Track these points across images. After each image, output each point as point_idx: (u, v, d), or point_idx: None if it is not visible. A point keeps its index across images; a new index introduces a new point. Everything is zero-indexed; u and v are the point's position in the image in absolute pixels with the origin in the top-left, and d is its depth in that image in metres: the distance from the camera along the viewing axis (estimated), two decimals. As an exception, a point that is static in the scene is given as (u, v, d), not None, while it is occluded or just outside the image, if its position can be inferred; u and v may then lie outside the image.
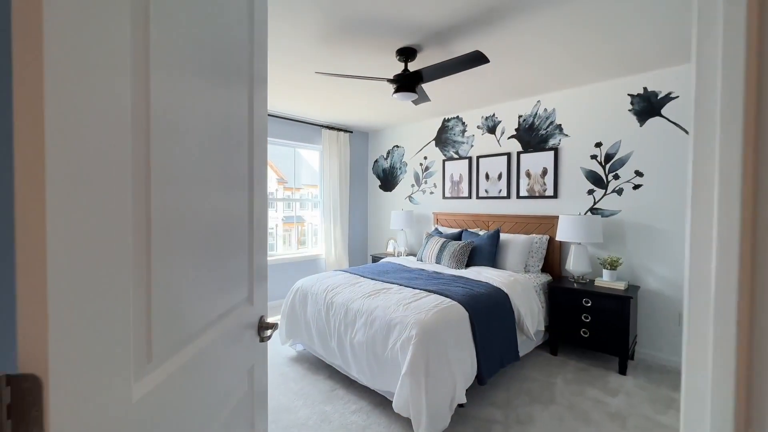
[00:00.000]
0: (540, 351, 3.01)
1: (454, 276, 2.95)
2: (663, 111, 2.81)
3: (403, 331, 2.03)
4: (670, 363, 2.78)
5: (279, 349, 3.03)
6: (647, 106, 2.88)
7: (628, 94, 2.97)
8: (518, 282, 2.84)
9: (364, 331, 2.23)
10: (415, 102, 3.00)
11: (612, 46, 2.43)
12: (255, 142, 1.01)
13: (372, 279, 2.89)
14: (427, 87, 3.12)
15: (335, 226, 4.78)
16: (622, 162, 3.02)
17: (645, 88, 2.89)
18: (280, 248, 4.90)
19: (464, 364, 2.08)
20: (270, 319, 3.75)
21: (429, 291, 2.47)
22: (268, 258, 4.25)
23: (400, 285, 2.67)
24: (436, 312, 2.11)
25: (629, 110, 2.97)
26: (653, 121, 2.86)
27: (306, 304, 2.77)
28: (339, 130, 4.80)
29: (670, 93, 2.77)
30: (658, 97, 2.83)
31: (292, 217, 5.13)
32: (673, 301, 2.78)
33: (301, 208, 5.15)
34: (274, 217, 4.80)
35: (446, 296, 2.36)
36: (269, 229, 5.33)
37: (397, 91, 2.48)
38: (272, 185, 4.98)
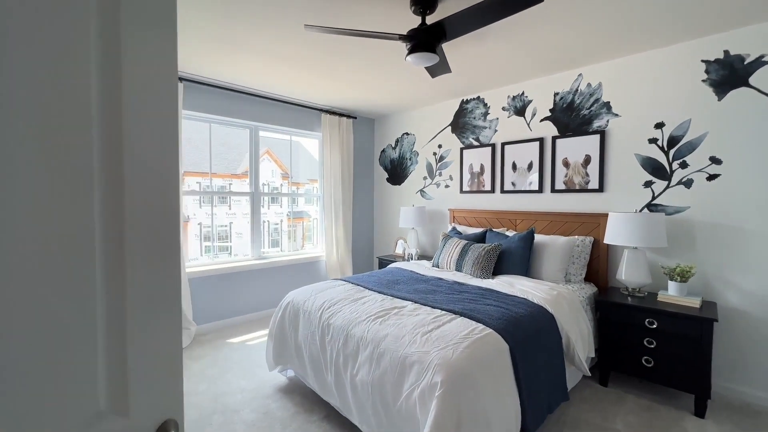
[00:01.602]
0: (587, 381, 2.43)
1: (481, 289, 2.38)
2: (751, 80, 2.19)
3: (422, 374, 1.47)
4: (759, 402, 2.19)
5: (265, 376, 2.50)
6: (729, 74, 2.27)
7: (703, 61, 2.35)
8: (563, 297, 2.26)
9: (370, 368, 1.68)
10: (433, 72, 2.41)
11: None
12: (127, 120, 0.47)
13: (379, 292, 2.33)
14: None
15: (337, 224, 4.22)
16: (691, 146, 2.41)
17: (726, 52, 2.27)
18: (285, 245, 4.38)
19: (506, 415, 1.52)
20: (255, 335, 3.22)
21: (453, 312, 1.91)
22: (264, 260, 3.73)
23: (416, 302, 2.10)
24: (467, 346, 1.55)
25: (703, 81, 2.35)
26: (737, 94, 2.24)
27: (297, 324, 2.23)
28: (341, 115, 4.23)
29: (762, 56, 2.15)
30: (745, 63, 2.21)
31: (300, 213, 4.62)
32: (761, 322, 2.19)
33: (307, 203, 4.61)
34: (279, 213, 4.25)
35: (477, 320, 1.79)
36: (274, 225, 4.90)
37: (412, 51, 1.90)
38: (277, 180, 4.46)
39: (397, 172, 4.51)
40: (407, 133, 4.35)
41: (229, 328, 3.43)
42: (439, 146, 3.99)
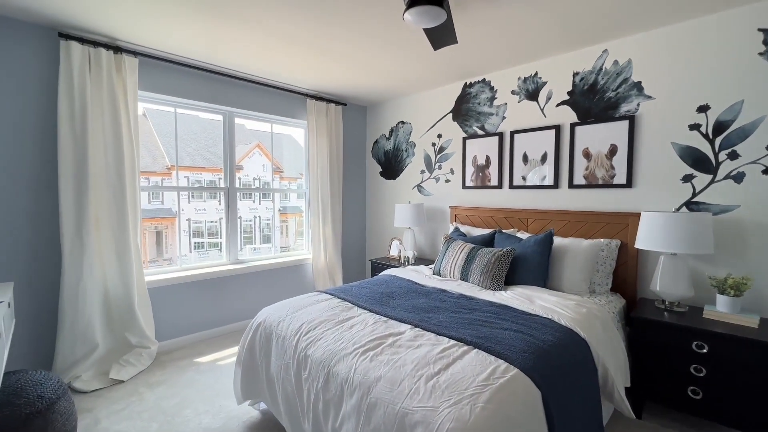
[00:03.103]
0: (617, 412, 2.05)
1: (494, 305, 1.97)
2: (824, 51, 1.80)
3: (429, 441, 1.06)
4: (827, 439, 1.82)
5: (234, 410, 2.07)
6: (794, 45, 1.87)
7: (760, 30, 1.95)
8: (594, 316, 1.86)
9: (357, 423, 1.26)
10: (436, 41, 1.97)
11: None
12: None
13: (371, 311, 1.91)
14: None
15: (325, 223, 3.79)
16: (744, 133, 2.01)
17: (791, 18, 1.87)
18: (277, 241, 3.97)
19: (539, 490, 1.12)
20: (229, 351, 2.78)
21: (465, 342, 1.49)
22: (242, 265, 3.25)
23: (416, 326, 1.69)
24: (488, 399, 1.13)
25: (761, 54, 1.95)
26: (804, 69, 1.85)
27: (270, 352, 1.80)
28: (329, 101, 3.77)
29: (839, 21, 1.76)
30: (816, 30, 1.81)
31: (294, 208, 4.18)
32: (831, 345, 1.81)
33: (299, 198, 4.16)
34: (270, 208, 3.83)
35: (497, 354, 1.38)
36: (266, 221, 4.50)
37: (412, 4, 1.46)
38: (268, 174, 4.02)
39: (391, 166, 4.08)
40: (403, 122, 3.91)
41: (198, 344, 2.99)
42: (439, 136, 3.56)
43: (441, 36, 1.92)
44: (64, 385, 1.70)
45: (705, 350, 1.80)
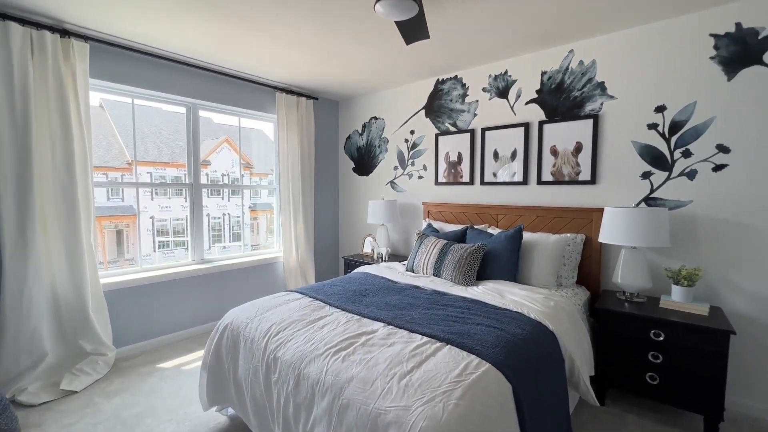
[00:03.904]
0: (582, 400, 2.13)
1: (467, 300, 1.99)
2: (766, 57, 1.93)
3: (402, 441, 1.04)
4: None
5: (200, 416, 1.98)
6: (740, 50, 1.99)
7: (711, 35, 2.07)
8: (561, 308, 1.92)
9: (329, 425, 1.23)
10: (408, 35, 1.95)
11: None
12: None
13: (343, 310, 1.87)
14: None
15: (296, 220, 3.70)
16: (696, 133, 2.13)
17: (738, 24, 1.99)
18: (247, 239, 3.81)
19: (510, 482, 1.14)
20: (194, 356, 2.65)
21: (438, 339, 1.49)
22: (208, 265, 3.11)
23: (389, 324, 1.67)
24: (461, 396, 1.13)
25: (712, 58, 2.07)
26: (749, 73, 1.98)
27: (237, 356, 1.73)
28: (300, 95, 3.66)
29: (779, 29, 1.89)
30: (759, 37, 1.94)
31: (264, 205, 4.03)
32: (771, 330, 1.97)
33: (270, 194, 4.02)
34: (240, 205, 3.71)
35: (469, 350, 1.39)
36: (236, 218, 4.30)
37: (383, -5, 1.42)
38: (237, 171, 3.84)
39: (364, 161, 4.04)
40: (376, 118, 3.87)
41: (161, 348, 2.83)
42: (412, 132, 3.56)
43: (413, 30, 1.90)
44: (4, 399, 1.55)
45: (662, 338, 1.90)
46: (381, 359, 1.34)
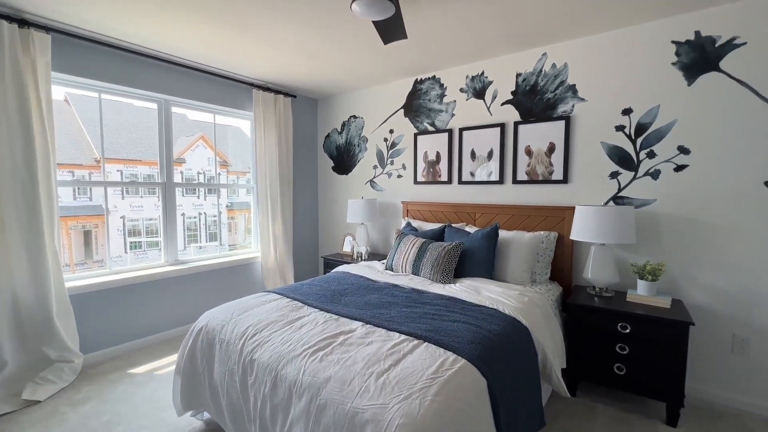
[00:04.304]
0: (554, 392, 2.21)
1: (444, 298, 2.02)
2: (722, 64, 2.05)
3: (379, 439, 1.05)
4: (724, 402, 2.12)
5: (174, 423, 1.92)
6: (699, 57, 2.11)
7: (673, 42, 2.18)
8: (535, 304, 1.98)
9: (306, 426, 1.22)
10: (386, 35, 1.96)
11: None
12: None
13: (322, 310, 1.86)
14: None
15: (274, 219, 3.64)
16: (660, 135, 2.25)
17: (697, 33, 2.11)
18: (225, 239, 3.70)
19: (484, 474, 1.17)
20: (168, 360, 2.58)
21: (415, 336, 1.51)
22: (182, 266, 2.99)
23: (367, 323, 1.68)
24: (437, 392, 1.16)
25: (673, 64, 2.18)
26: (707, 78, 2.10)
27: (212, 359, 1.69)
28: (277, 92, 3.61)
29: (733, 38, 2.01)
30: (716, 45, 2.06)
31: (243, 204, 3.92)
32: (727, 320, 2.10)
33: (248, 193, 3.93)
34: (216, 205, 3.62)
35: (446, 347, 1.41)
36: (213, 218, 4.16)
37: (359, -6, 1.42)
38: (213, 169, 3.73)
39: (343, 160, 4.02)
40: (355, 116, 3.86)
41: (133, 354, 2.73)
42: (391, 131, 3.57)
43: (390, 30, 1.91)
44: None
45: (628, 330, 1.99)
46: (359, 358, 1.35)
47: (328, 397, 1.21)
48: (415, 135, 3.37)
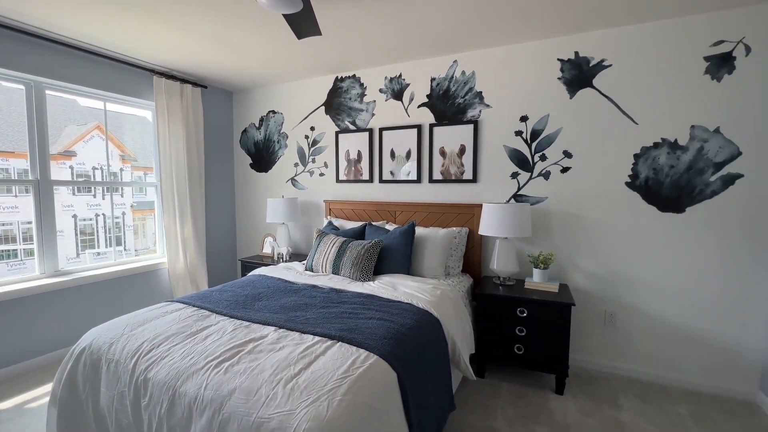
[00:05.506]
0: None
1: (362, 296, 2.05)
2: (595, 81, 2.40)
3: (285, 447, 1.02)
4: (598, 368, 2.50)
5: (50, 462, 1.64)
6: (578, 74, 2.45)
7: (558, 59, 2.49)
8: (446, 296, 2.11)
9: (208, 444, 1.14)
10: (298, 30, 1.90)
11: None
12: None
13: (231, 317, 1.75)
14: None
15: (183, 221, 3.32)
16: (549, 140, 2.55)
17: (576, 53, 2.44)
18: (130, 244, 3.26)
19: (394, 464, 1.22)
20: (43, 389, 2.20)
21: (329, 337, 1.50)
22: (65, 278, 2.50)
23: (280, 327, 1.62)
24: (347, 391, 1.16)
25: (559, 79, 2.50)
26: (584, 93, 2.44)
27: (98, 383, 1.48)
28: (184, 81, 3.28)
29: (603, 60, 2.37)
30: (590, 65, 2.41)
31: (151, 203, 3.44)
32: (601, 300, 2.49)
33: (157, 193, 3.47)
34: (120, 204, 3.22)
35: (359, 345, 1.43)
36: (116, 219, 3.54)
37: (262, -15, 1.35)
38: (116, 164, 3.20)
39: (263, 157, 3.83)
40: (274, 111, 3.70)
41: (-3, 385, 2.27)
42: (312, 129, 3.50)
43: (303, 25, 1.85)
44: None
45: (525, 314, 2.24)
46: (267, 365, 1.30)
47: (232, 410, 1.14)
48: (337, 133, 3.34)
